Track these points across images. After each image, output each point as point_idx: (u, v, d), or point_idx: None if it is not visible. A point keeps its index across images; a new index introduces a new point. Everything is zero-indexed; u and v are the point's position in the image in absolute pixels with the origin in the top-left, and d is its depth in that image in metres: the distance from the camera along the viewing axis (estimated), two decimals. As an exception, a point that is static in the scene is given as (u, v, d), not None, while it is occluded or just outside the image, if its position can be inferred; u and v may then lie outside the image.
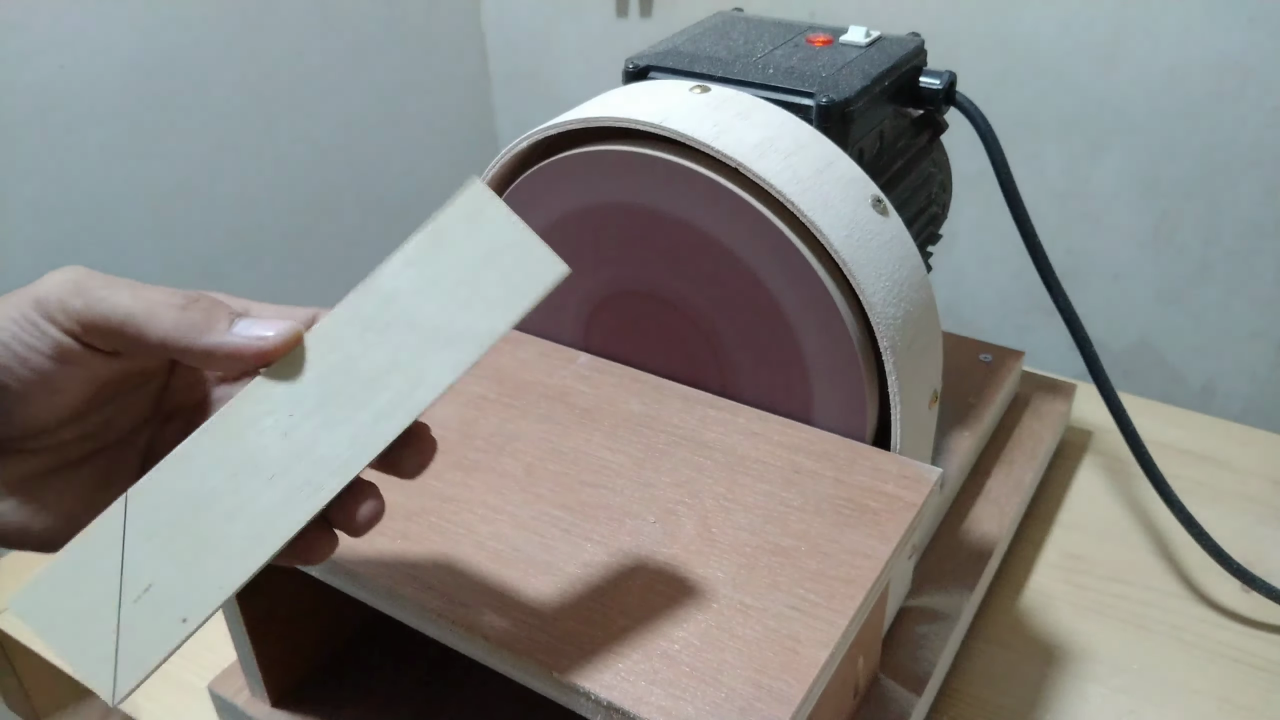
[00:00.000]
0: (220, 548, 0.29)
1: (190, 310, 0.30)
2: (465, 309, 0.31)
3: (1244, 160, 1.02)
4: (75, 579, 0.29)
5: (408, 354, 0.30)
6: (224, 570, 0.29)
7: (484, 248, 0.31)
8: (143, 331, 0.29)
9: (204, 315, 0.30)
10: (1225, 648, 0.55)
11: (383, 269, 0.31)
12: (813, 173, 0.45)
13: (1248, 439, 0.69)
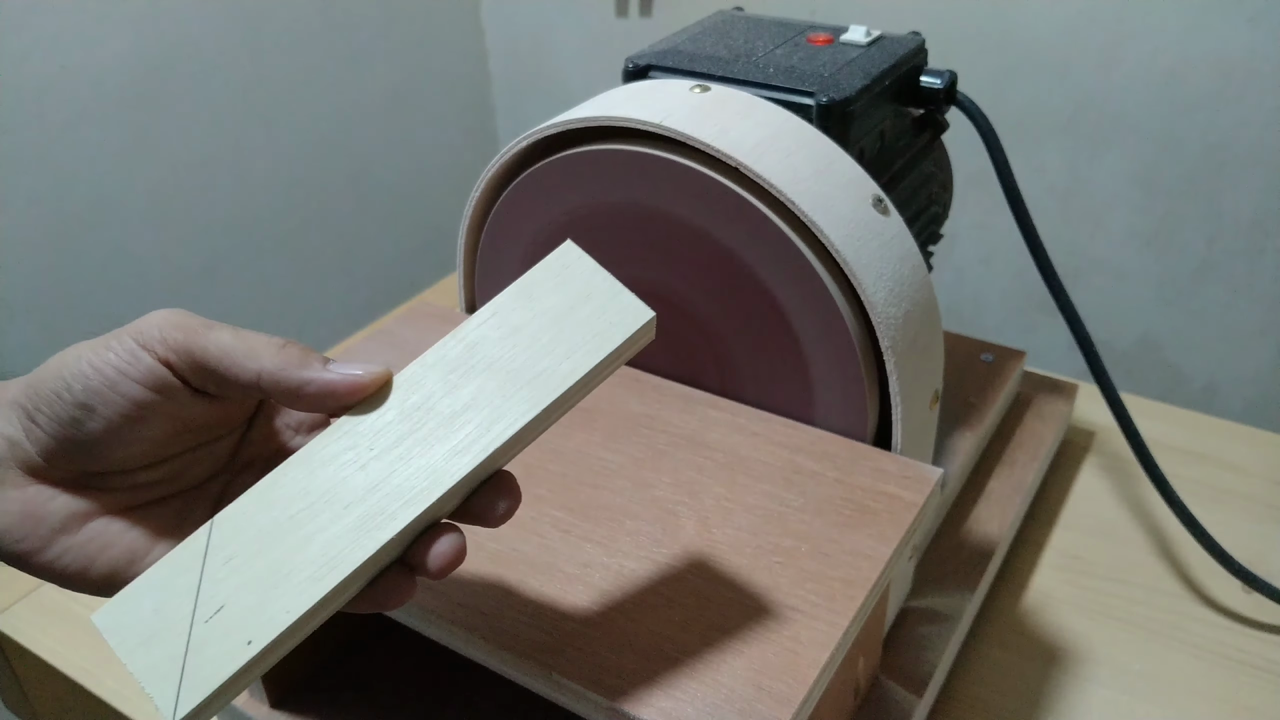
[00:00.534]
0: (291, 574, 0.29)
1: (289, 349, 0.31)
2: (547, 353, 0.32)
3: (1245, 159, 1.01)
4: (154, 597, 0.29)
5: (488, 394, 0.31)
6: (292, 596, 0.29)
7: (571, 299, 0.32)
8: (240, 366, 0.31)
9: (300, 353, 0.31)
10: (1227, 648, 0.55)
11: (471, 319, 0.32)
12: (813, 172, 0.44)
13: (1250, 439, 0.69)
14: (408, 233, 1.48)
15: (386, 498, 0.30)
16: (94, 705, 0.54)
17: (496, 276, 0.55)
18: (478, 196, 0.52)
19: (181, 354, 0.31)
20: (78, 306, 1.09)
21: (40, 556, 0.32)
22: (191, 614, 0.29)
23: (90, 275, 1.10)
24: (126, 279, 1.13)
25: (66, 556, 0.32)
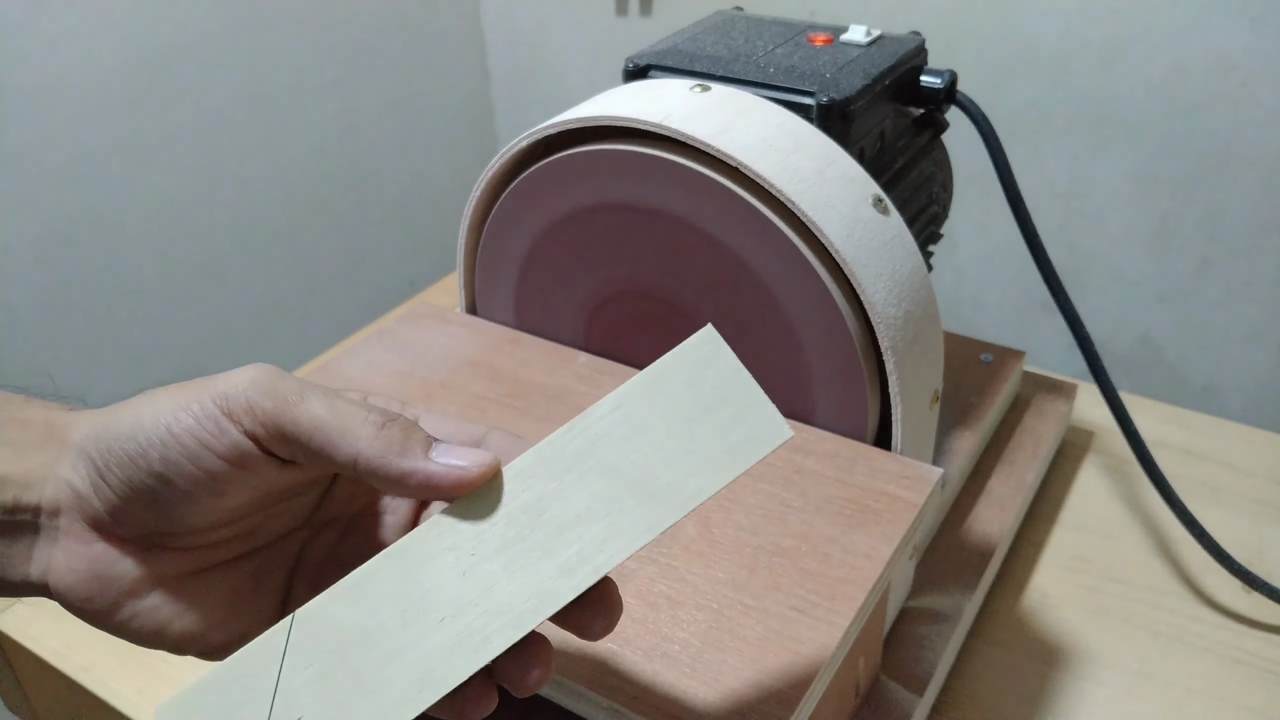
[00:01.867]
0: (376, 690, 0.27)
1: (388, 430, 0.28)
2: (674, 463, 0.28)
3: (1246, 159, 1.01)
4: (228, 696, 0.27)
5: (604, 504, 0.28)
6: (377, 715, 0.27)
7: (706, 400, 0.29)
8: (334, 445, 0.28)
9: (402, 437, 0.28)
10: (1227, 648, 0.55)
11: (594, 409, 0.29)
12: (813, 172, 0.44)
13: (1249, 439, 0.69)
14: (408, 233, 1.48)
15: (486, 615, 0.27)
16: (94, 705, 0.54)
17: (496, 276, 0.55)
18: (478, 196, 0.52)
19: (270, 427, 0.28)
20: (77, 306, 1.09)
21: (111, 619, 0.30)
22: (268, 718, 0.27)
23: (90, 275, 1.10)
24: (126, 279, 1.13)
25: (137, 621, 0.30)
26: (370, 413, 0.28)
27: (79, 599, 0.30)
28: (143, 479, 0.28)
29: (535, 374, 0.50)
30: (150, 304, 1.16)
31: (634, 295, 0.51)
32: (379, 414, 0.28)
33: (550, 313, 0.54)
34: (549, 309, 0.54)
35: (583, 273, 0.52)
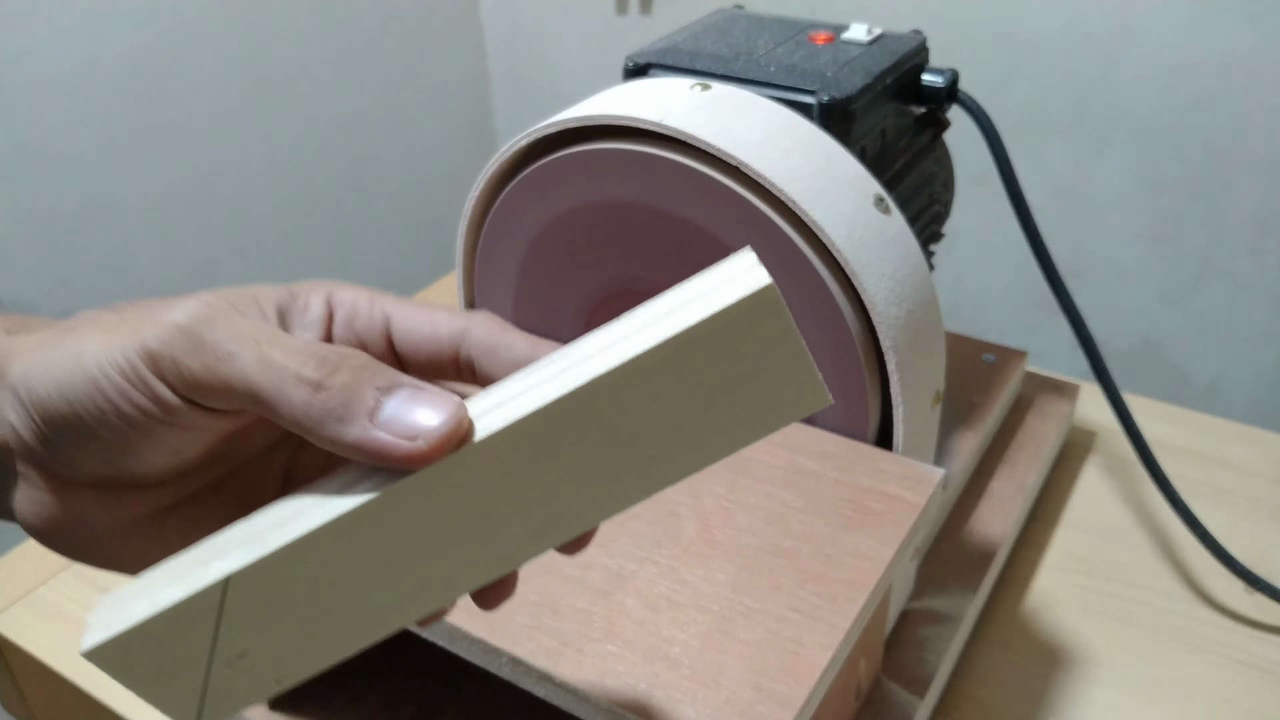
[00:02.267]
0: (327, 631, 0.25)
1: (325, 394, 0.24)
2: (685, 431, 0.24)
3: (1248, 158, 1.01)
4: (162, 640, 0.25)
5: (591, 472, 0.24)
6: (328, 648, 0.26)
7: (740, 368, 0.24)
8: (270, 408, 0.24)
9: (342, 400, 0.24)
10: (1229, 649, 0.54)
11: (597, 368, 0.24)
12: (814, 171, 0.44)
13: (1252, 439, 0.68)
14: (407, 232, 1.48)
15: (440, 579, 0.25)
16: (91, 707, 0.54)
17: (495, 275, 0.55)
18: (477, 195, 0.52)
19: (201, 389, 0.25)
20: (77, 306, 1.09)
21: (95, 559, 0.28)
22: (209, 656, 0.25)
23: (89, 275, 1.10)
24: (125, 278, 1.13)
25: (121, 560, 0.28)
26: (306, 365, 0.24)
27: (49, 539, 0.27)
28: (78, 434, 0.25)
29: (535, 374, 0.50)
30: (150, 303, 1.16)
31: (633, 294, 0.50)
32: (316, 365, 0.24)
33: (550, 312, 0.54)
34: (548, 308, 0.54)
35: (582, 272, 0.51)
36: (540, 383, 0.24)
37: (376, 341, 0.28)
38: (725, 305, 0.23)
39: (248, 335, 0.25)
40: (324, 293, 0.28)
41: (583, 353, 0.24)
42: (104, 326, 0.26)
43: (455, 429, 0.24)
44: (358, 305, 0.28)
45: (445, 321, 0.28)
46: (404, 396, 0.24)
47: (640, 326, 0.24)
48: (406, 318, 0.28)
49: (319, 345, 0.25)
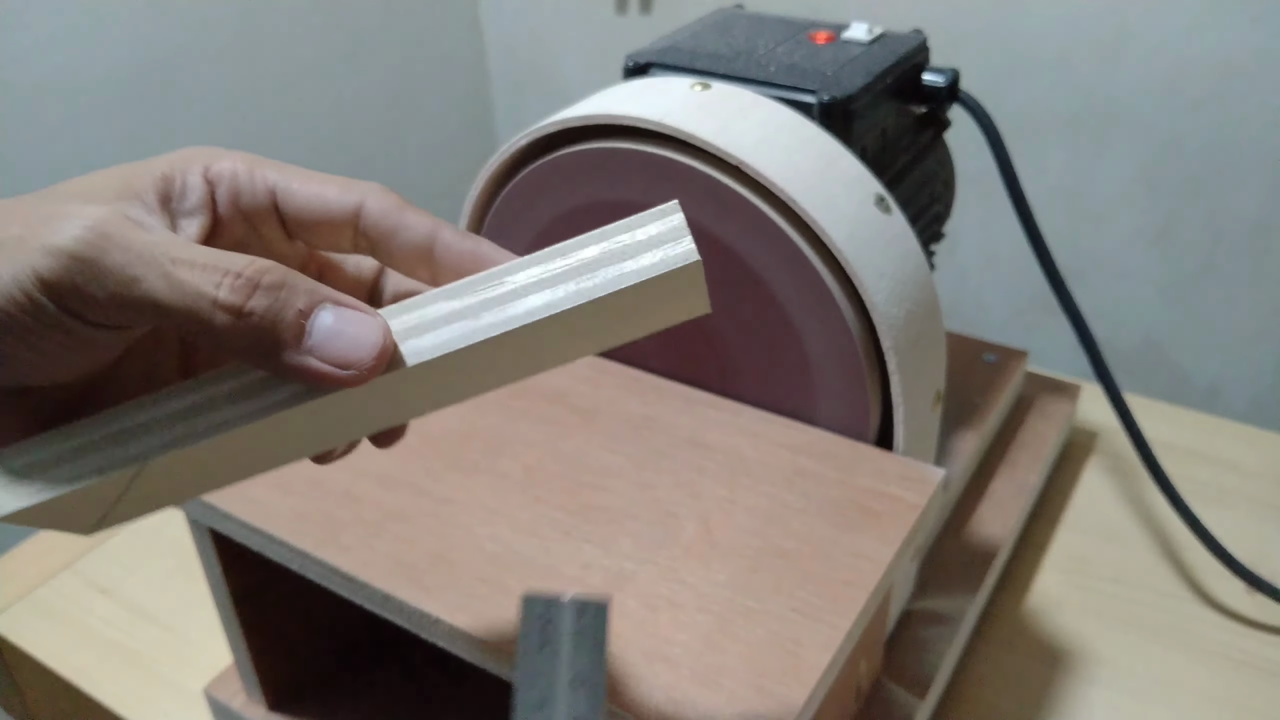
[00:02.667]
0: (230, 471, 0.27)
1: (246, 322, 0.23)
2: (585, 339, 0.27)
3: (1249, 158, 1.01)
4: (75, 501, 0.25)
5: (500, 369, 0.27)
6: (228, 478, 0.27)
7: (654, 306, 0.27)
8: (188, 334, 0.24)
9: (267, 327, 0.23)
10: (1230, 650, 0.54)
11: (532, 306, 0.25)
12: (815, 171, 0.44)
13: (1254, 440, 0.68)
14: (408, 232, 1.48)
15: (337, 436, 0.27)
16: (90, 707, 0.54)
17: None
18: (476, 195, 0.52)
19: (108, 318, 0.23)
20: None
21: None
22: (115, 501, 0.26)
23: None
24: (126, 278, 1.13)
25: None
26: (220, 286, 0.23)
27: None
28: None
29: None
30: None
31: (634, 295, 0.50)
32: (231, 287, 0.23)
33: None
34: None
35: (582, 272, 0.51)
36: (464, 314, 0.25)
37: (264, 219, 0.27)
38: (657, 275, 0.25)
39: (149, 254, 0.23)
40: (200, 167, 0.27)
41: (507, 289, 0.26)
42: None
43: (382, 357, 0.24)
44: (238, 179, 0.27)
45: (335, 198, 0.27)
46: (328, 319, 0.24)
47: (568, 272, 0.26)
48: (293, 195, 0.27)
49: (225, 256, 0.24)
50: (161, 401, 0.26)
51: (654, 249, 0.26)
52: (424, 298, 0.26)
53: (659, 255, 0.25)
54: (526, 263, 0.26)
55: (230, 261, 0.23)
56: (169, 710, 0.53)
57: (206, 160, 0.27)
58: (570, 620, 0.25)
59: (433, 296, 0.26)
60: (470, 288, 0.26)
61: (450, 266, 0.27)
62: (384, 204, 0.27)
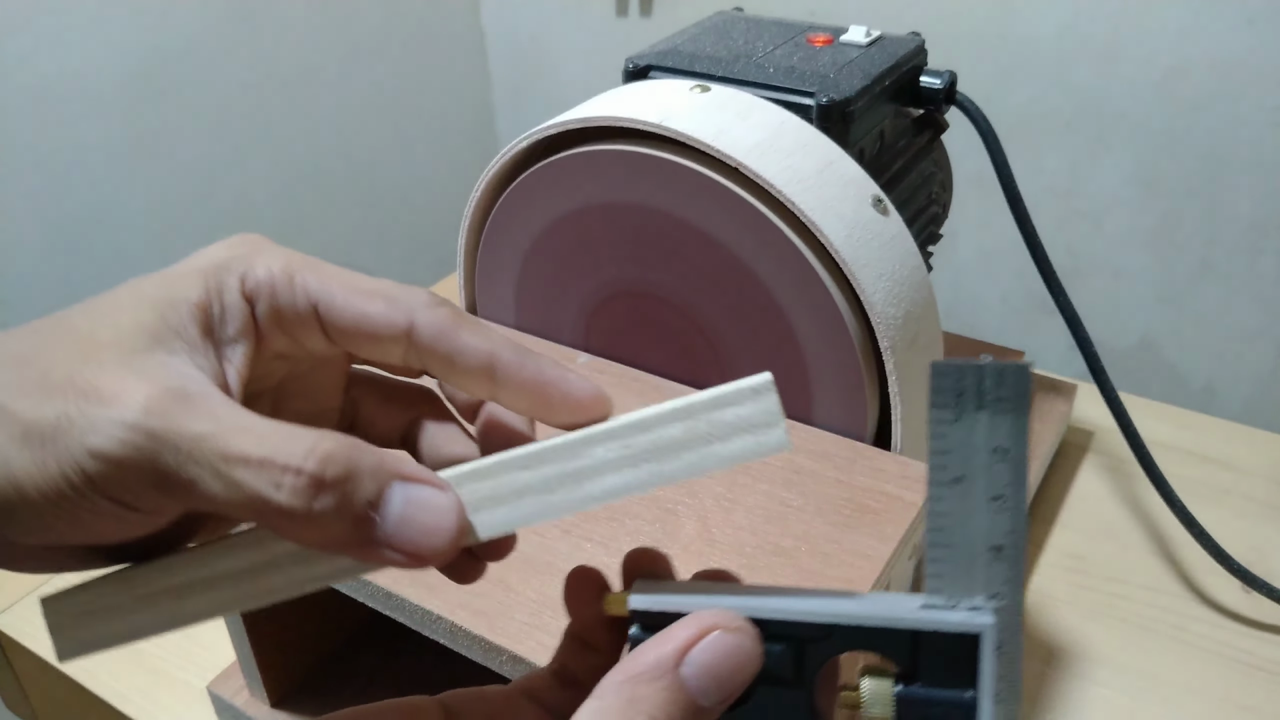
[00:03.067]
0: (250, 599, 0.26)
1: (315, 528, 0.22)
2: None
3: (1245, 160, 1.01)
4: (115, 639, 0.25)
5: None
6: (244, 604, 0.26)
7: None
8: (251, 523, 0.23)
9: (335, 529, 0.22)
10: (1226, 648, 0.55)
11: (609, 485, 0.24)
12: (813, 172, 0.44)
13: (1249, 439, 0.69)
14: (408, 233, 1.48)
15: None
16: (94, 705, 0.54)
17: (496, 277, 0.55)
18: (478, 197, 0.52)
19: (162, 512, 0.23)
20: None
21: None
22: None
23: (90, 275, 1.10)
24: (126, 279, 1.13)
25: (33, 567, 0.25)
26: (283, 487, 0.21)
27: None
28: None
29: (535, 374, 0.50)
30: (150, 304, 1.16)
31: (634, 296, 0.51)
32: (293, 489, 0.21)
33: (550, 313, 0.54)
34: (549, 309, 0.54)
35: (583, 273, 0.52)
36: (537, 487, 0.24)
37: (307, 331, 0.25)
38: (739, 456, 0.23)
39: (200, 453, 0.22)
40: (236, 281, 0.25)
41: (584, 464, 0.24)
42: (21, 431, 0.22)
43: (455, 544, 0.23)
44: (277, 294, 0.25)
45: (382, 317, 0.25)
46: (398, 506, 0.22)
47: (649, 452, 0.24)
48: (336, 311, 0.25)
49: (282, 442, 0.22)
50: (225, 555, 0.25)
51: (744, 434, 0.23)
52: (495, 464, 0.24)
53: (749, 443, 0.23)
54: (604, 436, 0.24)
55: (289, 452, 0.22)
56: (172, 707, 0.53)
57: (242, 270, 0.25)
58: (990, 386, 0.22)
59: (504, 465, 0.24)
60: (543, 458, 0.24)
61: (513, 394, 0.25)
62: (436, 325, 0.25)
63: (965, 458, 0.22)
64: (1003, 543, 0.22)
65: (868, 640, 0.23)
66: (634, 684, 0.22)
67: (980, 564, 0.22)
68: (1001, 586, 0.22)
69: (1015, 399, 0.22)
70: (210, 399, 0.23)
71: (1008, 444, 0.22)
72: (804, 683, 0.23)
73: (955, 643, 0.23)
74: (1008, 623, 0.22)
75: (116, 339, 0.23)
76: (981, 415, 0.22)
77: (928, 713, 0.23)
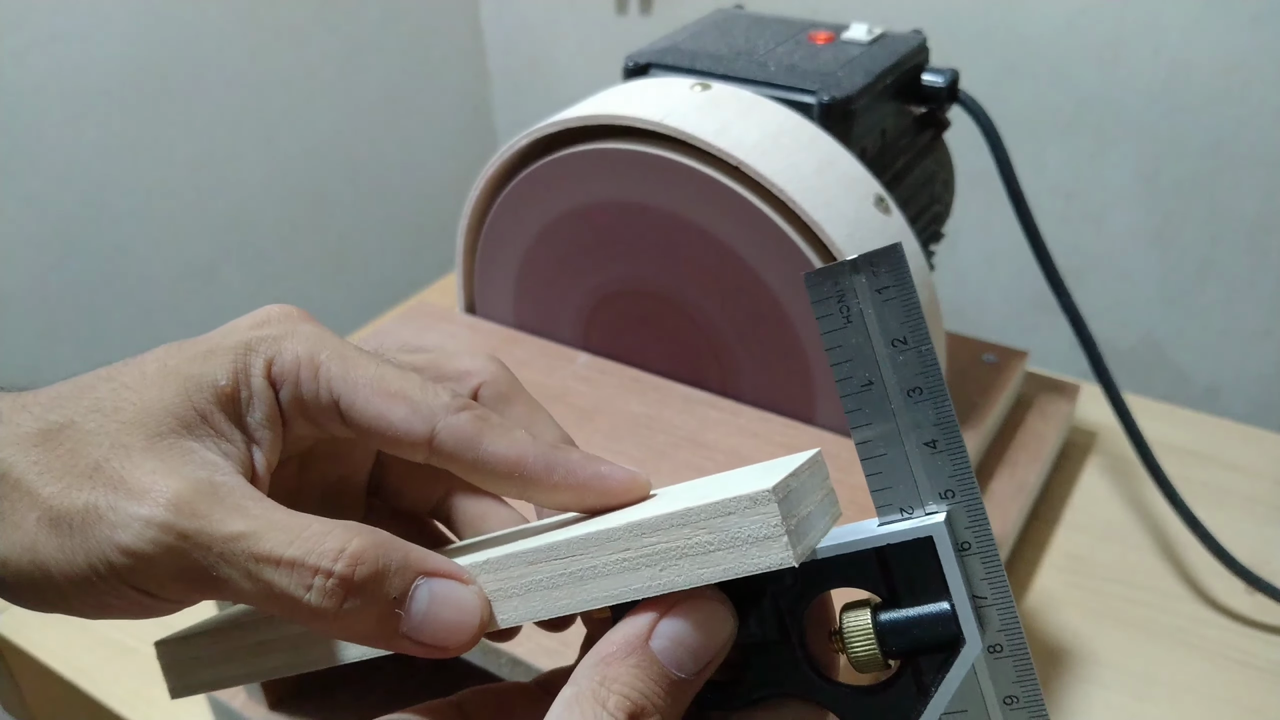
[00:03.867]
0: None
1: (343, 625, 0.22)
2: None
3: (1247, 159, 1.01)
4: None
5: None
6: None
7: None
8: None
9: (362, 626, 0.22)
10: (1230, 649, 0.54)
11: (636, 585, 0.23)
12: (814, 171, 0.44)
13: (1253, 440, 0.68)
14: (407, 232, 1.48)
15: None
16: (91, 707, 0.54)
17: (495, 276, 0.55)
18: (477, 195, 0.52)
19: (189, 600, 0.23)
20: (77, 307, 1.09)
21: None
22: None
23: (89, 275, 1.10)
24: (125, 279, 1.13)
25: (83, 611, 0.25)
26: (313, 589, 0.22)
27: None
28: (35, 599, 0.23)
29: (534, 374, 0.50)
30: (148, 303, 1.16)
31: (634, 294, 0.50)
32: (324, 591, 0.22)
33: (549, 312, 0.54)
34: (548, 308, 0.54)
35: (582, 272, 0.51)
36: (543, 584, 0.24)
37: (329, 421, 0.25)
38: (740, 566, 0.22)
39: (231, 554, 0.22)
40: (262, 367, 0.25)
41: (585, 566, 0.23)
42: (49, 517, 0.22)
43: (478, 636, 0.23)
44: (300, 386, 0.25)
45: (402, 424, 0.24)
46: (423, 603, 0.23)
47: (654, 556, 0.23)
48: (357, 412, 0.25)
49: (313, 540, 0.22)
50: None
51: (744, 545, 0.22)
52: (507, 558, 0.24)
53: (749, 554, 0.22)
54: (605, 538, 0.23)
55: (320, 553, 0.22)
56: (169, 710, 0.53)
57: (269, 354, 0.25)
58: (866, 280, 0.21)
59: (515, 559, 0.24)
60: (550, 554, 0.24)
61: (545, 496, 0.25)
62: (458, 434, 0.24)
63: (866, 359, 0.21)
64: (934, 437, 0.21)
65: (838, 575, 0.22)
66: (605, 665, 0.22)
67: (918, 464, 0.21)
68: (949, 483, 0.21)
69: (897, 283, 0.21)
70: (238, 493, 0.23)
71: (903, 333, 0.21)
72: (792, 638, 0.23)
73: (918, 553, 0.21)
74: (970, 520, 0.21)
75: (141, 419, 0.23)
76: (869, 311, 0.21)
77: (913, 636, 0.21)
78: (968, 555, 0.21)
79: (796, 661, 0.23)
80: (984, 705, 0.21)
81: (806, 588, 0.22)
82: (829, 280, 0.21)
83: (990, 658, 0.21)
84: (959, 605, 0.21)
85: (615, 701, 0.21)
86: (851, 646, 0.22)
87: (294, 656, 0.26)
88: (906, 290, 0.21)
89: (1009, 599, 0.21)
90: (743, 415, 0.47)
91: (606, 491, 0.25)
